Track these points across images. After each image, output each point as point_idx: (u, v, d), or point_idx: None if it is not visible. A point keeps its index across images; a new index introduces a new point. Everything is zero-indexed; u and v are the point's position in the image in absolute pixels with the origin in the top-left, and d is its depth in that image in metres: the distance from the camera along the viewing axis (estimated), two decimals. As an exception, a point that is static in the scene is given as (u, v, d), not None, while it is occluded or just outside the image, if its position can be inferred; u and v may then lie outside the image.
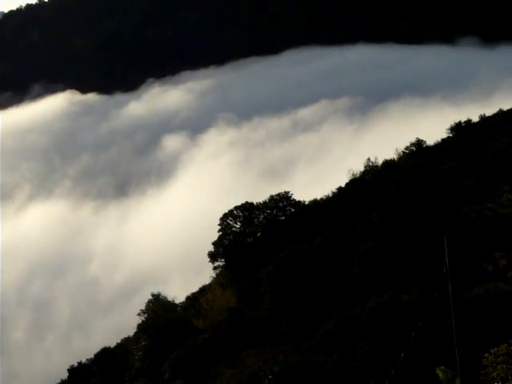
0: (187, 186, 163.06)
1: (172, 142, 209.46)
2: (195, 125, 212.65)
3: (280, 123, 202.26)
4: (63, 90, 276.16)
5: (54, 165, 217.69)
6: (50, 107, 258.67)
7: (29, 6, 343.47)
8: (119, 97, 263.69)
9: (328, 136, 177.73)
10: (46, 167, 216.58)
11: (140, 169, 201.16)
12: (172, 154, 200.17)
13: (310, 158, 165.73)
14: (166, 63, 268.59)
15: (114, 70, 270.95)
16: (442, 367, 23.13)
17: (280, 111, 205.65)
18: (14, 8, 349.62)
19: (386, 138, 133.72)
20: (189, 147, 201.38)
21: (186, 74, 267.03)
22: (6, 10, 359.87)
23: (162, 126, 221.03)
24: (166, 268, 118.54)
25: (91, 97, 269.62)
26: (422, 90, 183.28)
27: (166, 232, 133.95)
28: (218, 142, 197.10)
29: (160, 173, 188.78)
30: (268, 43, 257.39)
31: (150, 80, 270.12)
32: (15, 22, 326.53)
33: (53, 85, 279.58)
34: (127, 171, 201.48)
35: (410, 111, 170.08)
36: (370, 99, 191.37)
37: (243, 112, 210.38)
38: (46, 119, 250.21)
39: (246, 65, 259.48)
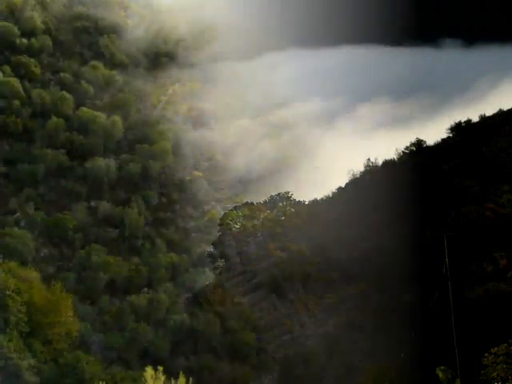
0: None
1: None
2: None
3: (252, 126, 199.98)
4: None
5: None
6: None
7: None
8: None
9: (298, 139, 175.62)
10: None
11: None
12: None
13: (280, 161, 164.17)
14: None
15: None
16: (442, 367, 23.15)
17: (253, 114, 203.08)
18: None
19: (358, 142, 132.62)
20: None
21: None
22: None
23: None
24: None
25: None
26: (396, 92, 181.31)
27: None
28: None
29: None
30: (247, 47, 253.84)
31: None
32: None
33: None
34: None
35: (385, 114, 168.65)
36: (346, 102, 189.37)
37: (215, 116, 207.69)
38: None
39: (220, 69, 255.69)
